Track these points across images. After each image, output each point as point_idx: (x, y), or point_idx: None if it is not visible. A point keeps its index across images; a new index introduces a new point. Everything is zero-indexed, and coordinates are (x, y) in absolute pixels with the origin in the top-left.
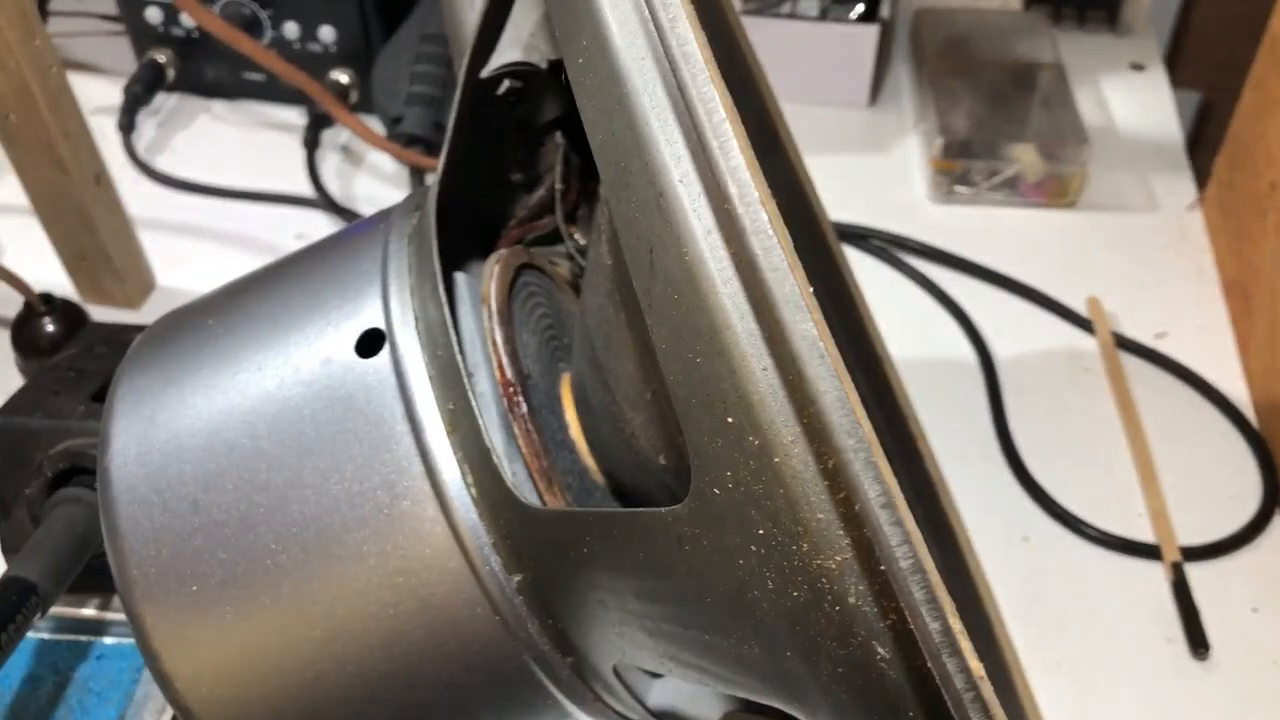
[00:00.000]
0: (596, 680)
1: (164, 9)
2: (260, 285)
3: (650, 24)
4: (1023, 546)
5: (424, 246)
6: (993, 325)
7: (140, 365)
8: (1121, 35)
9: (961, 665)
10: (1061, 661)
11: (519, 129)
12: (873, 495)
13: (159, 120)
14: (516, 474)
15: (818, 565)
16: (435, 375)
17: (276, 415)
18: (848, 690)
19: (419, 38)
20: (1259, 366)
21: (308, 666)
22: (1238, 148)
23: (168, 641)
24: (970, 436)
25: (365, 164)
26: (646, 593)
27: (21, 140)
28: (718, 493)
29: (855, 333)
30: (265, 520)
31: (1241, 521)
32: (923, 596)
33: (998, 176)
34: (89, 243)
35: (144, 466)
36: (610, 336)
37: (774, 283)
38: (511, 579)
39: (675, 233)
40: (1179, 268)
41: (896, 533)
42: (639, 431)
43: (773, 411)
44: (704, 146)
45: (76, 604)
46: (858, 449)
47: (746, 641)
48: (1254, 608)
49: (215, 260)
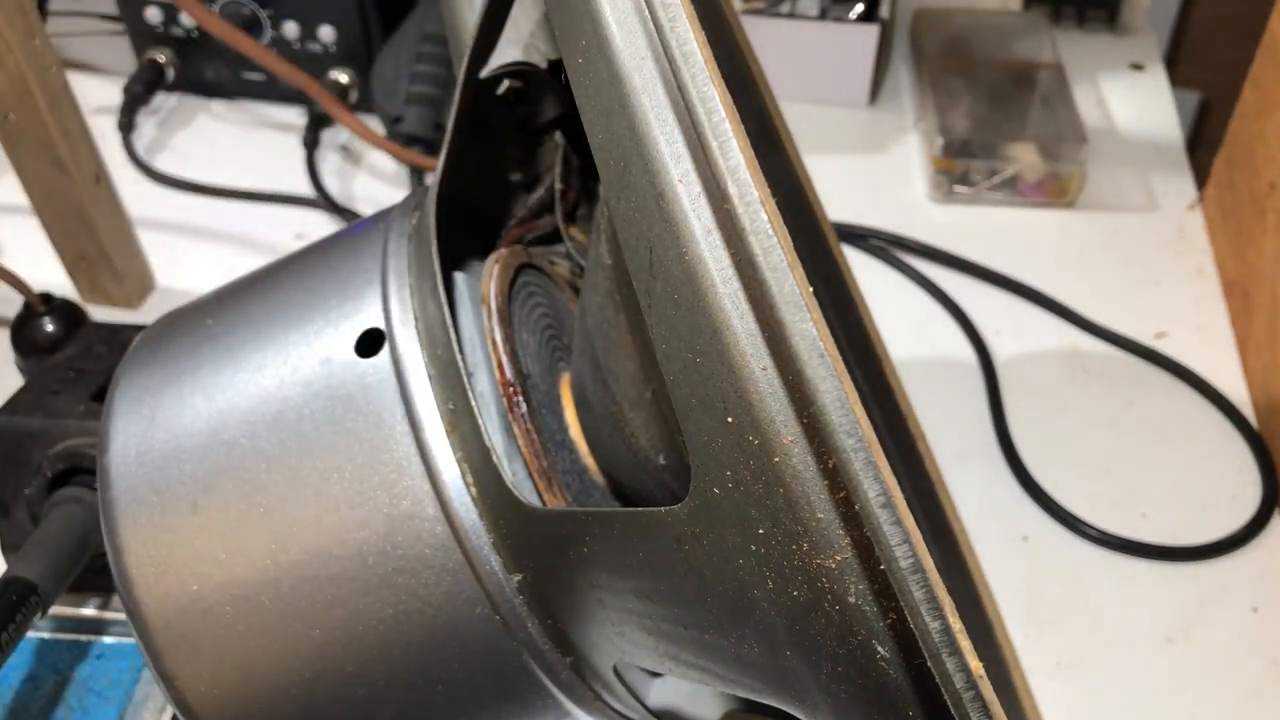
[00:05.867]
0: (596, 679)
1: (164, 9)
2: (260, 285)
3: (650, 24)
4: (1022, 546)
5: (424, 246)
6: (992, 325)
7: (140, 365)
8: (1121, 35)
9: (961, 664)
10: (1061, 661)
11: (519, 129)
12: (872, 495)
13: (158, 120)
14: (516, 474)
15: (817, 565)
16: (435, 375)
17: (276, 415)
18: (847, 689)
19: (419, 37)
20: (1258, 366)
21: (307, 666)
22: (1237, 147)
23: (168, 641)
24: (969, 436)
25: (365, 164)
26: (646, 592)
27: (21, 140)
28: (717, 492)
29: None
30: (265, 520)
31: (1241, 521)
32: (922, 596)
33: (997, 176)
34: (88, 242)
35: (144, 466)
36: (610, 336)
37: (773, 282)
38: (511, 578)
39: (675, 232)
40: (1178, 267)
41: (896, 532)
42: (639, 431)
43: (772, 411)
44: (704, 146)
45: (76, 603)
46: (857, 449)
47: (746, 641)
48: (1254, 607)
49: (215, 260)
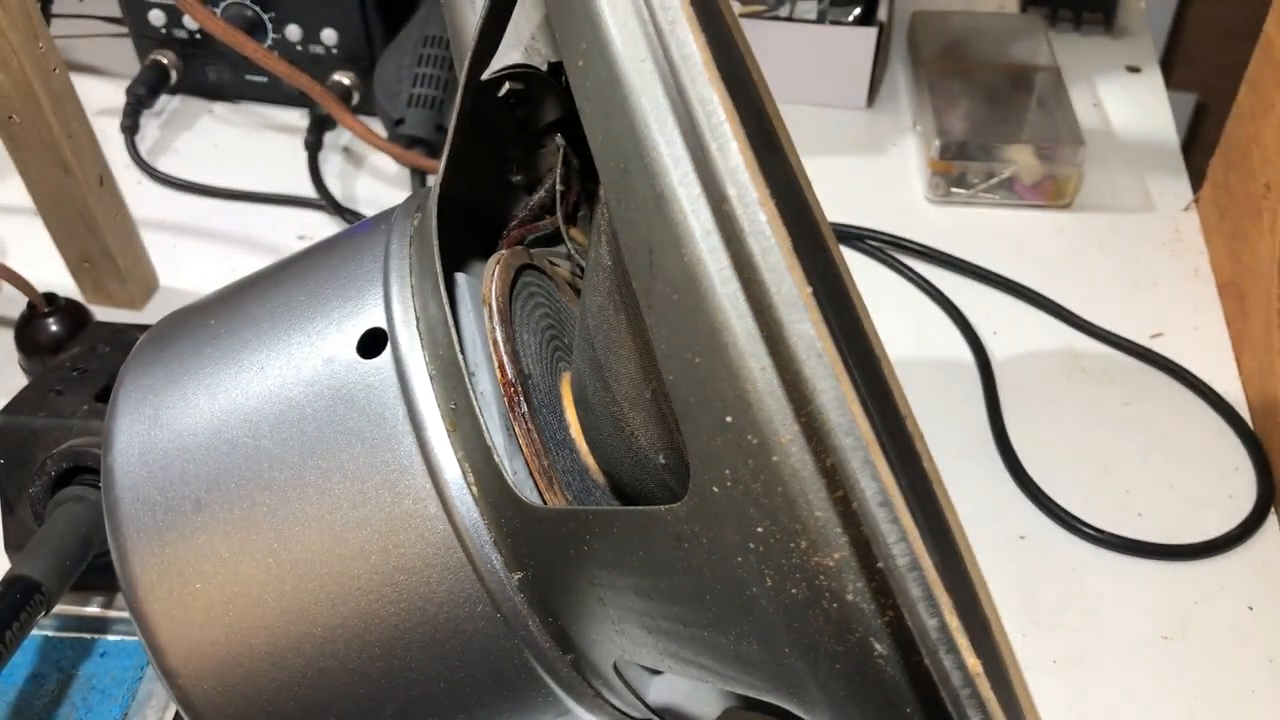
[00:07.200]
0: (596, 677)
1: (167, 11)
2: (262, 285)
3: (650, 26)
4: (1019, 545)
5: (425, 247)
6: (989, 325)
7: (143, 365)
8: (1117, 37)
9: (959, 662)
10: (1058, 659)
11: (520, 131)
12: (870, 493)
13: (162, 122)
14: (517, 473)
15: (816, 563)
16: (436, 375)
17: (279, 415)
18: (846, 687)
19: (420, 40)
20: (1254, 366)
21: (309, 664)
22: (1233, 149)
23: (171, 639)
24: (967, 436)
25: (367, 165)
26: (646, 590)
27: (25, 141)
28: (716, 491)
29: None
30: (268, 519)
31: (1237, 520)
32: (920, 594)
33: (994, 178)
34: (92, 243)
35: (147, 466)
36: (610, 336)
37: (772, 283)
38: (512, 576)
39: (674, 233)
40: (1174, 268)
41: (893, 530)
42: (638, 431)
43: (771, 410)
44: (703, 148)
45: (80, 602)
46: (855, 448)
47: (745, 638)
48: (1249, 605)
49: (218, 261)
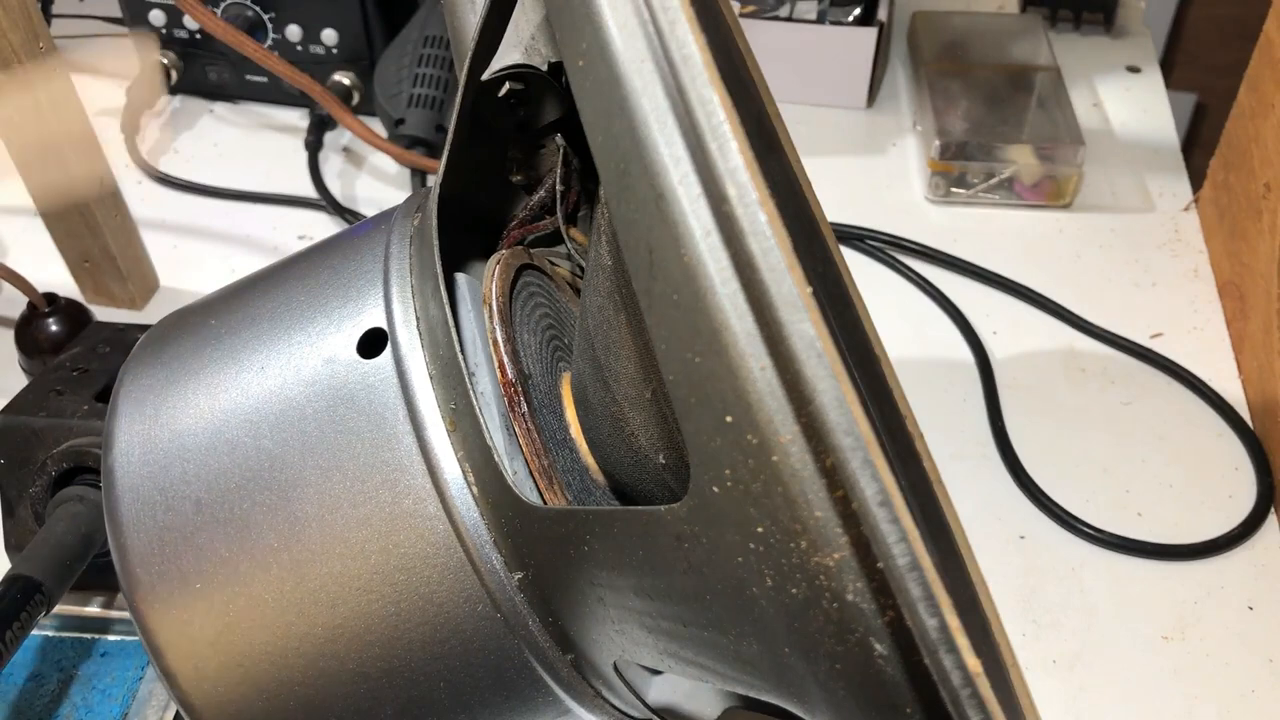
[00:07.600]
0: (596, 677)
1: (167, 11)
2: (262, 285)
3: (650, 26)
4: (1019, 544)
5: (425, 247)
6: (989, 325)
7: (144, 365)
8: (1117, 38)
9: (959, 662)
10: (1058, 658)
11: (520, 131)
12: (870, 493)
13: (162, 122)
14: (517, 472)
15: (816, 562)
16: (437, 375)
17: (279, 415)
18: (846, 687)
19: (420, 40)
20: (1254, 366)
21: (310, 664)
22: (1232, 149)
23: (171, 639)
24: (967, 436)
25: (367, 165)
26: (646, 590)
27: (25, 141)
28: (716, 491)
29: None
30: (268, 519)
31: (1237, 520)
32: (920, 593)
33: (994, 178)
34: (93, 244)
35: (147, 466)
36: (610, 336)
37: (772, 283)
38: (512, 576)
39: (674, 234)
40: (1174, 268)
41: (894, 530)
42: (638, 431)
43: (771, 410)
44: (703, 148)
45: (80, 602)
46: (855, 447)
47: (745, 638)
48: (1249, 605)
49: (218, 261)
